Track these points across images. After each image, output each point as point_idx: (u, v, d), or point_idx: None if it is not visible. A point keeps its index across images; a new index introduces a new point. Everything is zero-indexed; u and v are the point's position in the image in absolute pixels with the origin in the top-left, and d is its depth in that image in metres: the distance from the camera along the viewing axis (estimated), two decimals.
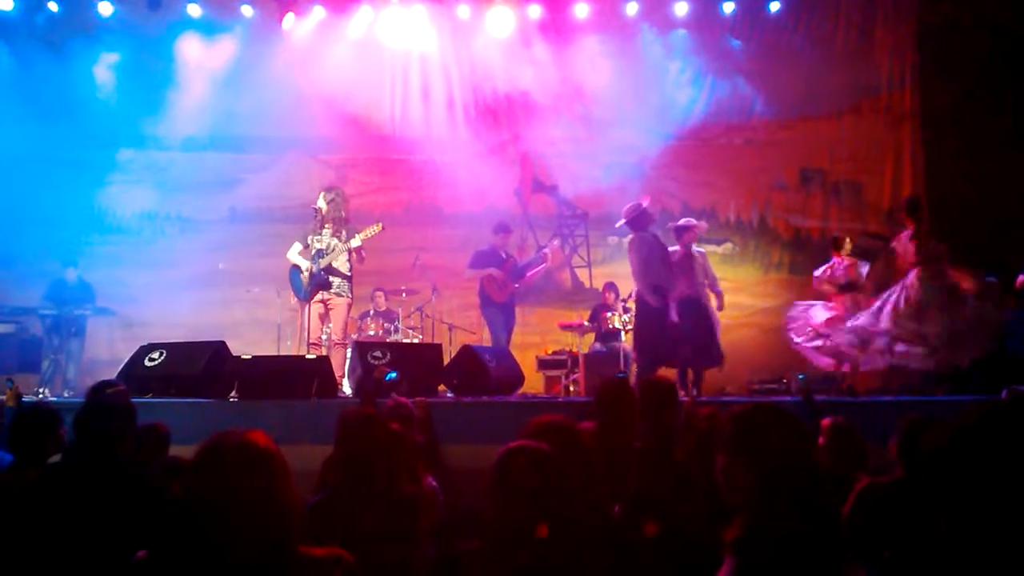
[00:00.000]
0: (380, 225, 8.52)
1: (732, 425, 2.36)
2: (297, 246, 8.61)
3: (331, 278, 8.45)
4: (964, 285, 8.25)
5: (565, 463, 2.64)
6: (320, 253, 8.42)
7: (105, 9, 11.69)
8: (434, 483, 4.24)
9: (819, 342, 8.79)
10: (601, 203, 12.22)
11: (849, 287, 8.99)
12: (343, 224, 8.57)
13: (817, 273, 9.32)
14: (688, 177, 12.27)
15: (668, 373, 8.15)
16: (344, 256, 8.47)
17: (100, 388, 4.86)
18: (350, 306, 8.74)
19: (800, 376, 9.00)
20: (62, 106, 11.82)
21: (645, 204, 8.71)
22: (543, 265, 9.91)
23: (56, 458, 3.78)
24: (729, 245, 12.14)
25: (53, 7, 11.65)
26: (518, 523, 2.47)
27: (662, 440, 4.41)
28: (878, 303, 8.39)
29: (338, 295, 8.50)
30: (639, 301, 8.65)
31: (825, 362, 8.91)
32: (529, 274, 9.70)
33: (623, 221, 8.72)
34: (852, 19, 11.83)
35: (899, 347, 8.18)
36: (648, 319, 8.39)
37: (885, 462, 4.38)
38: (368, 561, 2.32)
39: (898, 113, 11.99)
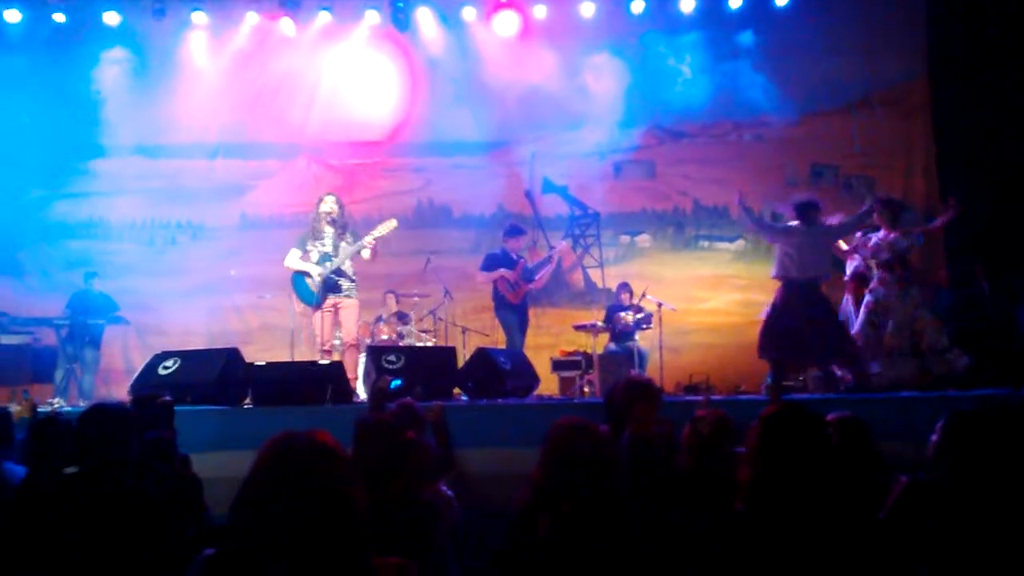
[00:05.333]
0: (395, 221, 8.49)
1: (759, 426, 2.40)
2: (296, 252, 8.52)
3: (340, 281, 8.42)
4: None
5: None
6: (326, 256, 8.38)
7: (112, 19, 11.69)
8: (448, 491, 4.20)
9: None
10: (612, 202, 12.21)
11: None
12: (346, 227, 8.56)
13: None
14: (699, 174, 12.22)
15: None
16: (350, 259, 8.45)
17: (149, 398, 4.83)
18: (359, 307, 8.73)
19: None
20: (69, 116, 11.89)
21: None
22: (550, 265, 9.87)
23: (72, 469, 3.73)
24: (741, 242, 12.09)
25: (59, 18, 11.65)
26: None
27: (644, 441, 4.34)
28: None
29: (348, 297, 8.47)
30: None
31: None
32: (539, 275, 9.67)
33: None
34: (862, 12, 11.73)
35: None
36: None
37: (907, 458, 4.34)
38: None
39: (910, 106, 11.91)
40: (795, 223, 8.13)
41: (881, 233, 8.37)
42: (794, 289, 7.94)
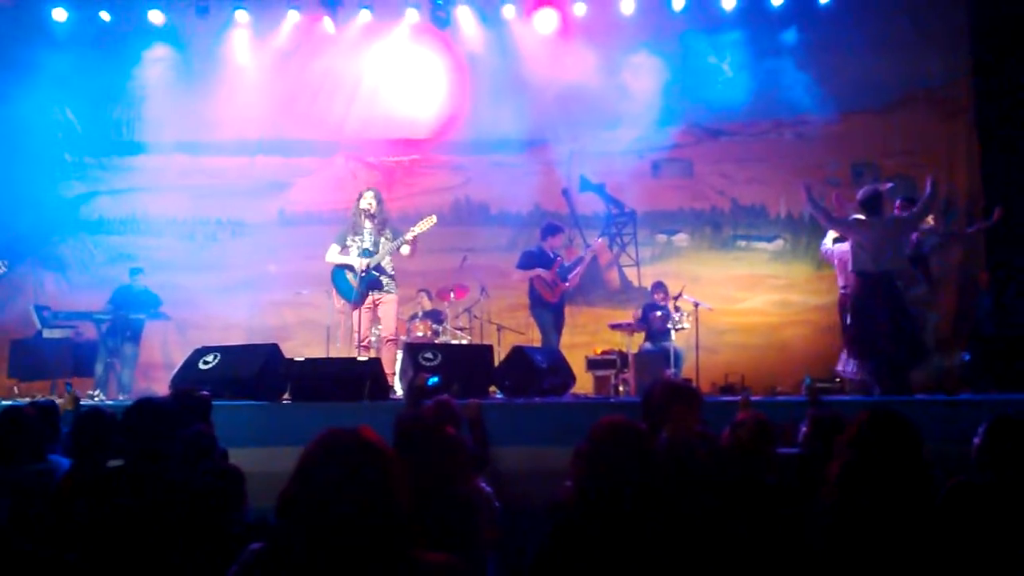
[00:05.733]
0: (434, 217, 8.53)
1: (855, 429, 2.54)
2: (335, 247, 8.59)
3: (381, 277, 8.48)
4: None
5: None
6: (367, 252, 8.43)
7: (156, 18, 11.84)
8: (487, 488, 4.20)
9: None
10: (649, 201, 12.16)
11: None
12: (385, 223, 8.61)
13: None
14: (737, 173, 12.13)
15: None
16: (389, 255, 8.50)
17: (187, 393, 4.89)
18: (397, 302, 8.78)
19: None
20: (113, 113, 12.05)
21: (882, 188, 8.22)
22: (585, 261, 9.85)
23: (116, 463, 3.79)
24: (780, 242, 11.98)
25: (105, 16, 11.81)
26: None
27: (682, 443, 4.29)
28: None
29: (388, 293, 8.53)
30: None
31: None
32: (573, 273, 9.65)
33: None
34: (905, 10, 11.58)
35: None
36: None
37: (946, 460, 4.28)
38: None
39: (953, 105, 11.72)
40: (863, 216, 7.99)
41: None
42: (868, 283, 7.79)
